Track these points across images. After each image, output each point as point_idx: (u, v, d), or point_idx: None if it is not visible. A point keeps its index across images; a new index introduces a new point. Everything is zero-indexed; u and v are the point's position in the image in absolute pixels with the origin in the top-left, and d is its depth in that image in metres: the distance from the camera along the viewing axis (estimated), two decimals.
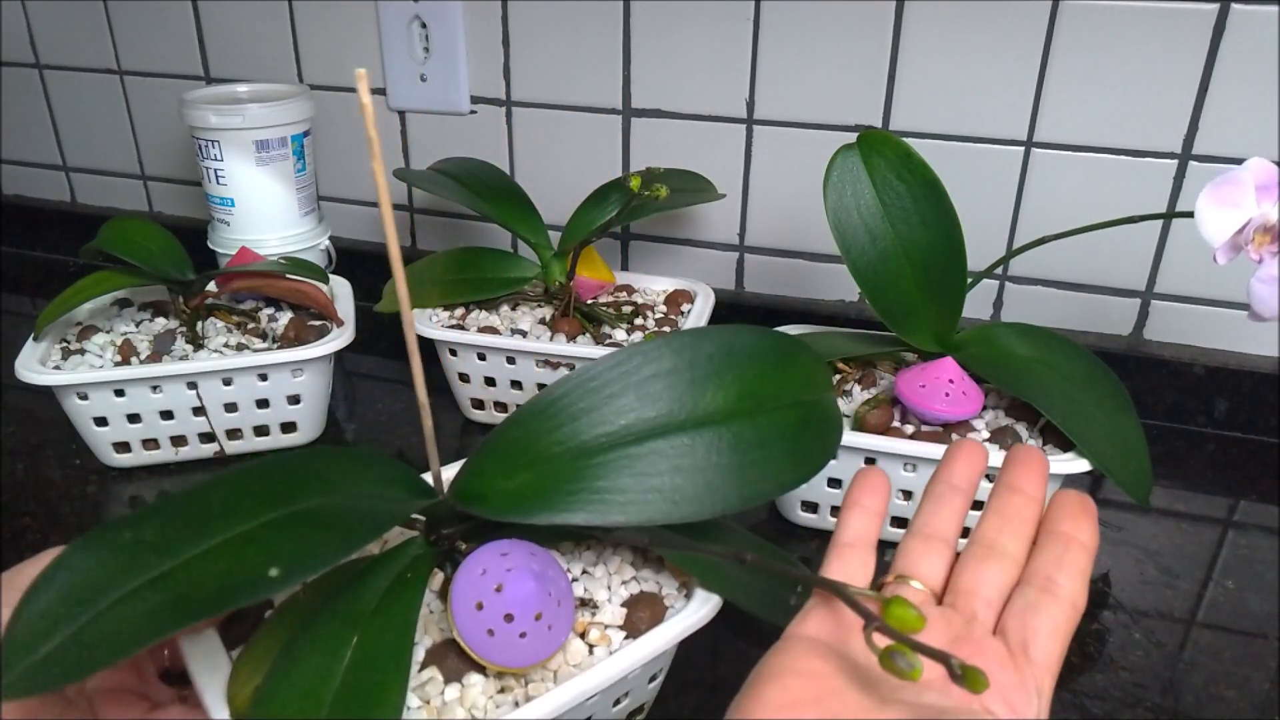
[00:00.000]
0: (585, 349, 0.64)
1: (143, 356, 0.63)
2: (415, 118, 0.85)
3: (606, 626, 0.42)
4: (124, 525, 0.32)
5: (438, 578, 0.42)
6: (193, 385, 0.62)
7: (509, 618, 0.37)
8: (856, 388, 0.61)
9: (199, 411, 0.63)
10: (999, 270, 0.75)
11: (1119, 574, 0.56)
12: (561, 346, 0.65)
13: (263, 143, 0.75)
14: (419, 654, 0.39)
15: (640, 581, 0.44)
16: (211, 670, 0.37)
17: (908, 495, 0.56)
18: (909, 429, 0.56)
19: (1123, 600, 0.54)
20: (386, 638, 0.35)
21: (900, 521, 0.57)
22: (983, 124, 0.70)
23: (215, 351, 0.64)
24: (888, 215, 0.56)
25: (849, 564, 0.36)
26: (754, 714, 0.29)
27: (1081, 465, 0.52)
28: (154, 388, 0.61)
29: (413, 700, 0.37)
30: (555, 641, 0.38)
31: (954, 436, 0.55)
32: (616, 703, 0.43)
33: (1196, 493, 0.65)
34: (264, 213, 0.78)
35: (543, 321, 0.69)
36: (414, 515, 0.41)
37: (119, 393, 0.61)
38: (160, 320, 0.68)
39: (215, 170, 0.76)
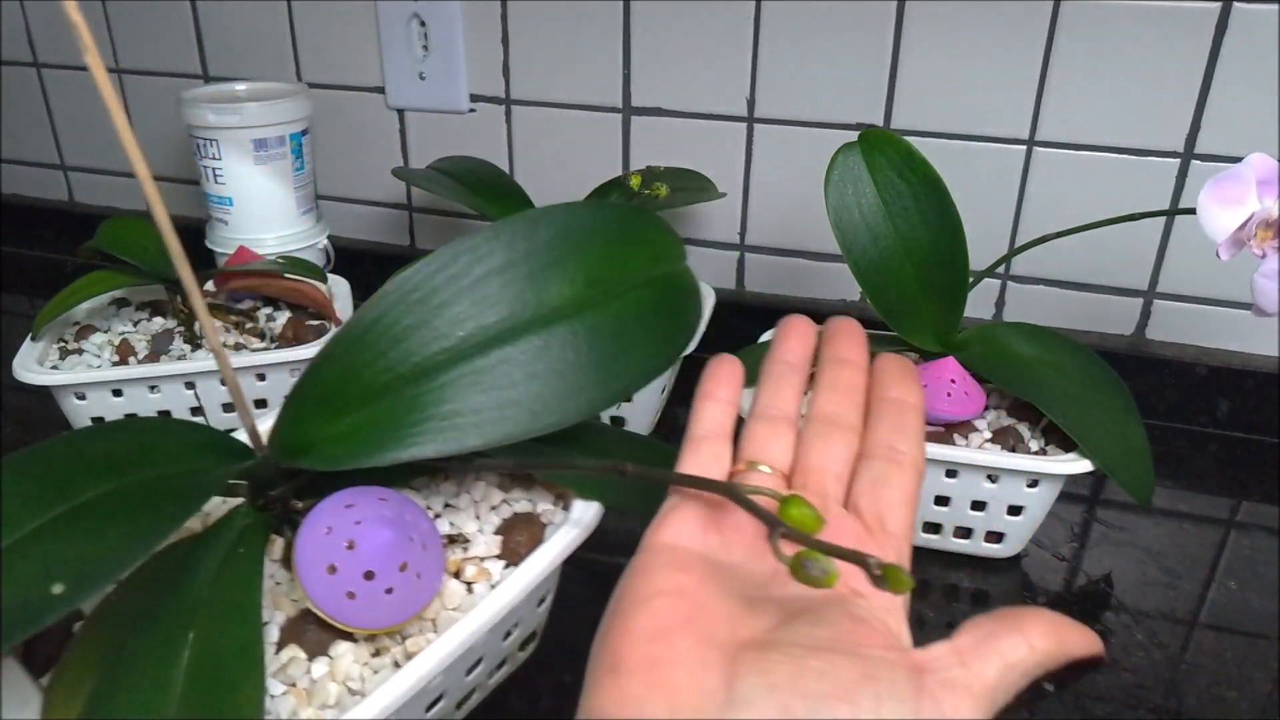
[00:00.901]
0: None
1: (140, 356, 0.63)
2: (414, 116, 0.84)
3: (483, 559, 0.38)
4: None
5: (277, 545, 0.38)
6: (190, 385, 0.62)
7: (369, 575, 0.33)
8: None
9: (196, 412, 0.63)
10: (1001, 269, 0.74)
11: (1121, 574, 0.56)
12: None
13: (261, 141, 0.75)
14: (272, 634, 0.35)
15: (511, 503, 0.41)
16: (19, 705, 0.31)
17: None
18: None
19: (1125, 601, 0.54)
20: (229, 627, 0.31)
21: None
22: (985, 123, 0.70)
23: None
24: (889, 214, 0.56)
25: (704, 458, 0.35)
26: (625, 647, 0.27)
27: (1084, 465, 0.52)
28: (152, 388, 0.61)
29: (275, 687, 0.33)
30: (428, 589, 0.35)
31: (956, 436, 0.55)
32: (506, 636, 0.40)
33: (1199, 493, 0.65)
34: (262, 212, 0.78)
35: None
36: (233, 481, 0.36)
37: (117, 393, 0.61)
38: (158, 320, 0.68)
39: (213, 169, 0.76)
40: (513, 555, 0.38)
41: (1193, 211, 0.49)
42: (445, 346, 0.35)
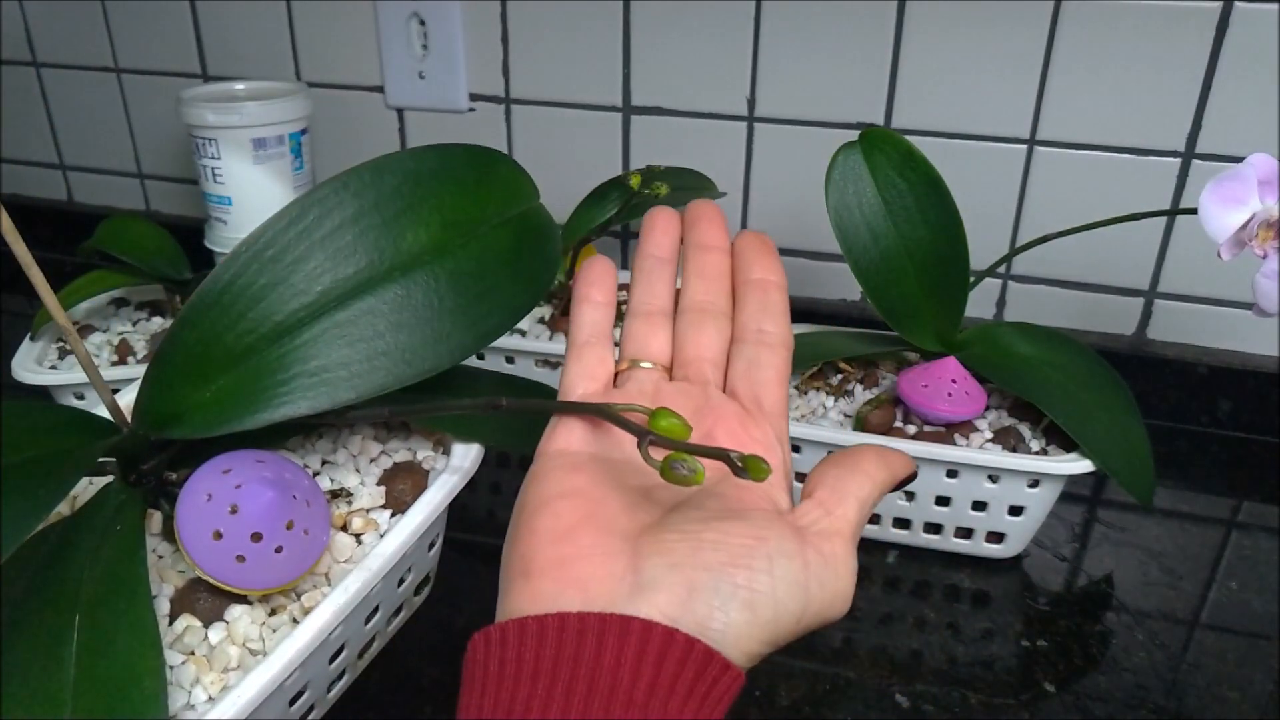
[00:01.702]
0: None
1: (140, 356, 0.63)
2: (413, 115, 0.84)
3: (368, 511, 0.39)
4: None
5: (155, 519, 0.38)
6: None
7: (257, 536, 0.34)
8: (859, 387, 0.60)
9: None
10: (1002, 269, 0.74)
11: (1122, 575, 0.56)
12: (561, 346, 0.65)
13: (260, 141, 0.75)
14: (163, 606, 0.35)
15: (390, 454, 0.41)
16: None
17: (910, 496, 0.55)
18: (911, 429, 0.56)
19: (1126, 601, 0.54)
20: (117, 604, 0.30)
21: (902, 523, 0.56)
22: (985, 122, 0.70)
23: None
24: (890, 214, 0.56)
25: (588, 362, 0.36)
26: (532, 550, 0.29)
27: (1085, 466, 0.51)
28: None
29: (174, 657, 0.34)
30: (317, 544, 0.35)
31: (956, 436, 0.54)
32: (400, 582, 0.41)
33: (1200, 493, 0.64)
34: (261, 211, 0.77)
35: (541, 320, 0.69)
36: (100, 459, 0.35)
37: (115, 392, 0.61)
38: (157, 319, 0.68)
39: (212, 169, 0.75)
40: (398, 504, 0.39)
41: (1194, 211, 0.49)
42: (305, 303, 0.34)
